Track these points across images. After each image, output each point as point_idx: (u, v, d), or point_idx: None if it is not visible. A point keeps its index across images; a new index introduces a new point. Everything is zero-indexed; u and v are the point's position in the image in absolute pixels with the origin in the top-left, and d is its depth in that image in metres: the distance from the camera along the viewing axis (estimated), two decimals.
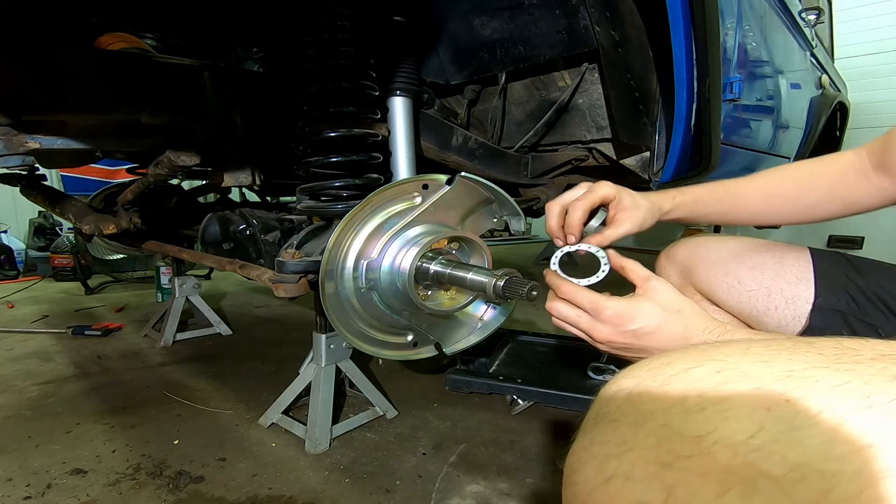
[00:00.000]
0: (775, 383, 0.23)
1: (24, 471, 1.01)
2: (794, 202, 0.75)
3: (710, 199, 0.77)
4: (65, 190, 3.07)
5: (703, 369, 0.26)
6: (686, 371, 0.26)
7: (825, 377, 0.23)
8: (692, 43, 0.96)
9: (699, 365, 0.26)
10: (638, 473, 0.24)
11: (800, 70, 1.92)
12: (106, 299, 2.61)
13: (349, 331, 0.88)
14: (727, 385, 0.24)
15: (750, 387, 0.24)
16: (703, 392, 0.24)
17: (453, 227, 0.94)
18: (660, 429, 0.24)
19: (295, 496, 0.94)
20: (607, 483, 0.25)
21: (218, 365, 1.61)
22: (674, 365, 0.27)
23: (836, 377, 0.23)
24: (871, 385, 0.22)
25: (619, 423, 0.26)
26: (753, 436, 0.22)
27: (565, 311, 0.62)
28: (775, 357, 0.25)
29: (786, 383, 0.23)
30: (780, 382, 0.23)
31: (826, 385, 0.23)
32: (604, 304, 0.59)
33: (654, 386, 0.26)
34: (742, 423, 0.22)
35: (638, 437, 0.25)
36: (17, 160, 0.98)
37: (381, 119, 1.04)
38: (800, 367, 0.24)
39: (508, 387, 1.27)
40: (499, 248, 4.69)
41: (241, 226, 1.19)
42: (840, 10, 3.61)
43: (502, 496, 0.94)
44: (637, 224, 0.72)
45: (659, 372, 0.27)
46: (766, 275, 0.79)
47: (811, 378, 0.23)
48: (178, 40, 1.34)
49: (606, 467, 0.25)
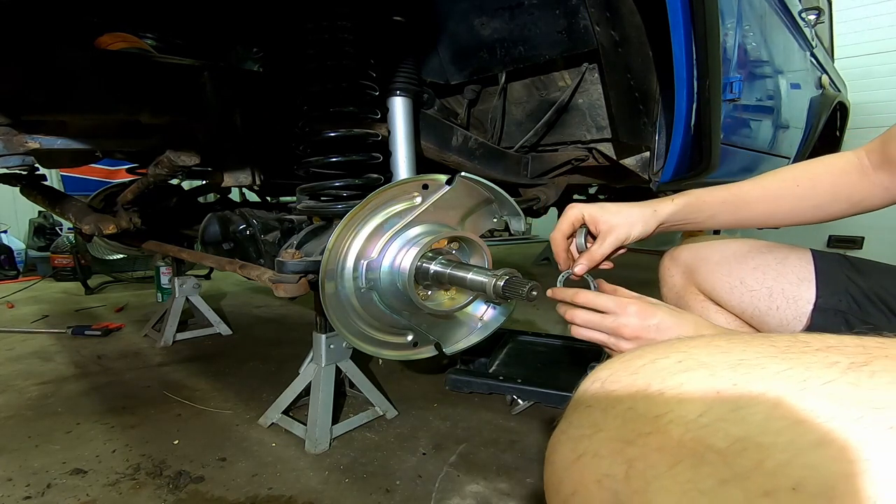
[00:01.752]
0: (727, 370, 0.27)
1: (24, 471, 1.01)
2: (799, 203, 0.75)
3: (713, 200, 0.77)
4: (65, 190, 3.07)
5: (667, 360, 0.29)
6: (653, 362, 0.29)
7: (771, 365, 0.26)
8: (692, 43, 0.96)
9: (665, 356, 0.29)
10: (604, 450, 0.27)
11: (800, 70, 1.92)
12: (106, 299, 2.61)
13: (349, 331, 0.88)
14: (685, 372, 0.27)
15: (704, 373, 0.27)
16: (664, 378, 0.27)
17: (453, 227, 0.94)
18: (625, 412, 0.27)
19: (295, 496, 0.94)
20: (579, 460, 0.28)
21: (218, 365, 1.61)
22: (643, 357, 0.30)
23: (781, 365, 0.26)
24: (810, 371, 0.25)
25: (593, 408, 0.29)
26: (703, 415, 0.25)
27: (587, 315, 0.65)
28: (732, 348, 0.28)
29: (736, 370, 0.26)
30: (731, 370, 0.26)
31: (771, 372, 0.26)
32: (627, 301, 0.62)
33: (624, 375, 0.29)
34: (694, 404, 0.26)
35: (607, 419, 0.28)
36: (17, 160, 0.98)
37: (381, 119, 1.03)
38: (751, 357, 0.27)
39: (508, 387, 1.27)
40: (499, 248, 4.69)
41: (241, 226, 1.19)
42: (840, 10, 3.61)
43: (502, 496, 0.94)
44: (621, 237, 0.75)
45: (630, 363, 0.30)
46: (767, 275, 0.80)
47: (759, 366, 0.26)
48: (178, 40, 1.34)
49: (579, 447, 0.28)
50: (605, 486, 0.26)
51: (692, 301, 0.90)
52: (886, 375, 0.24)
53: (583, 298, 0.66)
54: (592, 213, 0.76)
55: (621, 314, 0.62)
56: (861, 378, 0.24)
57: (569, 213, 0.78)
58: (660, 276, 0.97)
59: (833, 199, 0.74)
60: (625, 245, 0.77)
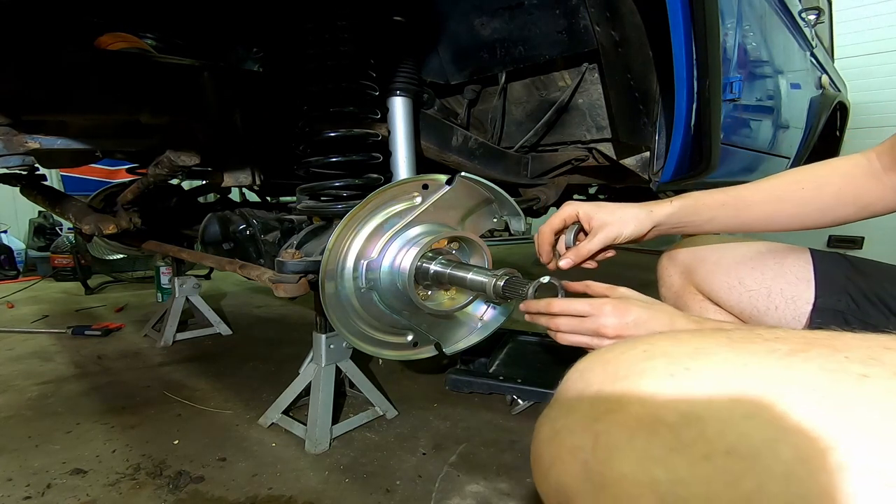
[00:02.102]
0: (683, 357, 0.31)
1: (24, 471, 1.01)
2: (803, 206, 0.73)
3: (712, 203, 0.76)
4: (65, 190, 3.08)
5: (634, 350, 0.33)
6: (623, 353, 0.33)
7: (721, 352, 0.30)
8: (692, 43, 0.96)
9: (633, 348, 0.33)
10: (576, 427, 0.31)
11: (800, 70, 1.92)
12: (106, 299, 2.61)
13: (349, 331, 0.88)
14: (648, 360, 0.32)
15: (664, 361, 0.31)
16: (630, 366, 0.32)
17: (453, 227, 0.94)
18: (595, 394, 0.32)
19: (295, 496, 0.94)
20: (556, 435, 0.33)
21: (218, 365, 1.61)
22: (615, 350, 0.34)
23: (730, 353, 0.30)
24: (753, 357, 0.29)
25: (570, 393, 0.34)
26: (657, 394, 0.29)
27: (567, 322, 0.66)
28: (691, 340, 0.33)
29: (692, 357, 0.31)
30: (686, 357, 0.31)
31: (719, 358, 0.30)
32: (601, 301, 0.64)
33: (598, 365, 0.34)
34: (651, 386, 0.30)
35: (580, 402, 0.33)
36: (17, 160, 0.98)
37: (381, 119, 1.03)
38: (707, 346, 0.31)
39: (508, 387, 1.27)
40: (499, 248, 4.68)
41: (241, 226, 1.19)
42: (840, 10, 3.61)
43: (502, 496, 0.94)
44: (611, 235, 0.75)
45: (603, 355, 0.35)
46: (766, 275, 0.79)
47: (711, 353, 0.31)
48: (178, 40, 1.34)
49: (556, 425, 0.33)
50: (577, 456, 0.30)
51: (691, 301, 0.90)
52: (817, 360, 0.28)
53: (558, 307, 0.67)
54: (587, 210, 0.77)
55: (599, 315, 0.63)
56: (794, 362, 0.28)
57: (564, 209, 0.79)
58: (658, 276, 0.97)
59: (838, 203, 0.72)
60: (615, 245, 0.77)
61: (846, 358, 0.27)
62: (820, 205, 0.72)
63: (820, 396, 0.25)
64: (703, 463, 0.26)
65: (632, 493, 0.27)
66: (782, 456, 0.24)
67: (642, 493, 0.27)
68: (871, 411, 0.24)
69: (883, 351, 0.27)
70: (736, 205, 0.76)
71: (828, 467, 0.23)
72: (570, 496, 0.30)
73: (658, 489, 0.26)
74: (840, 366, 0.27)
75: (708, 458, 0.26)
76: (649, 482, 0.27)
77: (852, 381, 0.25)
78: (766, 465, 0.24)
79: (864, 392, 0.25)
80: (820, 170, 0.74)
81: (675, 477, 0.26)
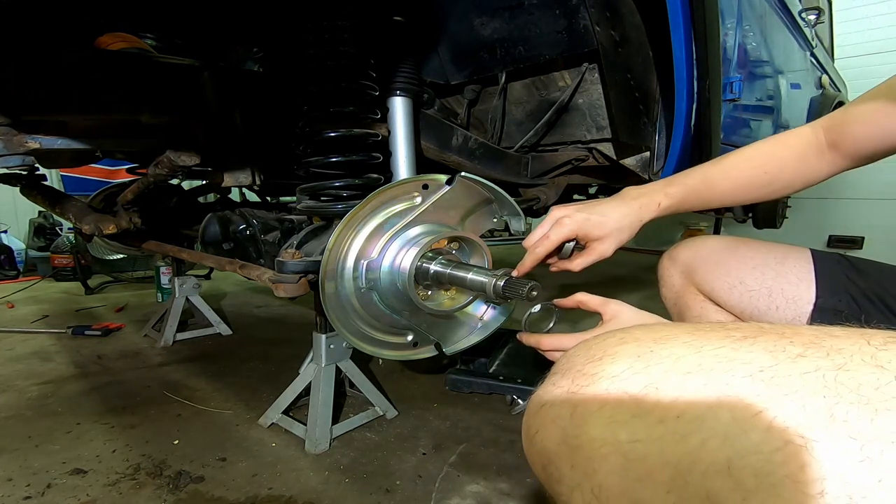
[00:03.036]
0: (650, 342, 0.35)
1: (24, 471, 1.01)
2: (763, 188, 0.79)
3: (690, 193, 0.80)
4: (65, 190, 3.07)
5: (613, 338, 0.38)
6: (603, 340, 0.38)
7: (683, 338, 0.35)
8: (692, 43, 0.96)
9: (612, 336, 0.38)
10: (557, 400, 0.36)
11: (800, 70, 1.92)
12: (106, 299, 2.61)
13: (349, 331, 0.88)
14: (621, 345, 0.36)
15: (634, 345, 0.36)
16: (605, 350, 0.37)
17: (453, 228, 0.94)
18: (575, 373, 0.37)
19: (295, 496, 0.94)
20: (541, 409, 0.37)
21: (218, 365, 1.61)
22: (598, 338, 0.39)
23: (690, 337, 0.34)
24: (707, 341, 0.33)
25: (556, 373, 0.39)
26: (625, 371, 0.34)
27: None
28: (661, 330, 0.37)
29: (656, 342, 0.35)
30: (652, 342, 0.35)
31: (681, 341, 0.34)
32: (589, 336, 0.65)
33: (581, 350, 0.39)
34: (620, 364, 0.34)
35: (563, 379, 0.37)
36: (17, 160, 0.98)
37: (381, 119, 1.03)
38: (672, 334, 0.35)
39: (508, 387, 1.26)
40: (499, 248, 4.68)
41: (241, 226, 1.19)
42: (840, 10, 3.61)
43: (502, 496, 0.94)
44: (608, 251, 0.78)
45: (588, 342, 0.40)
46: (767, 275, 0.80)
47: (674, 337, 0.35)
48: (178, 40, 1.34)
49: (542, 399, 0.38)
50: (557, 424, 0.35)
51: (691, 301, 0.90)
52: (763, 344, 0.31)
53: (547, 344, 0.73)
54: (581, 226, 0.77)
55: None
56: (743, 345, 0.32)
57: (560, 230, 0.77)
58: (658, 276, 0.96)
59: (793, 182, 0.78)
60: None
61: (790, 343, 0.31)
62: (777, 186, 0.79)
63: (758, 370, 0.30)
64: (658, 425, 0.30)
65: (600, 452, 0.32)
66: (722, 418, 0.28)
67: (609, 452, 0.32)
68: (799, 382, 0.28)
69: (826, 337, 0.31)
70: (707, 191, 0.80)
71: (758, 426, 0.27)
72: (551, 458, 0.36)
73: (621, 448, 0.31)
74: (781, 347, 0.31)
75: (662, 422, 0.30)
76: (614, 442, 0.32)
77: (788, 359, 0.30)
78: (708, 426, 0.29)
79: (796, 367, 0.29)
80: (779, 151, 0.79)
81: (636, 437, 0.31)
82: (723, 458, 0.27)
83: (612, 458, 0.31)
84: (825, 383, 0.27)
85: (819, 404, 0.26)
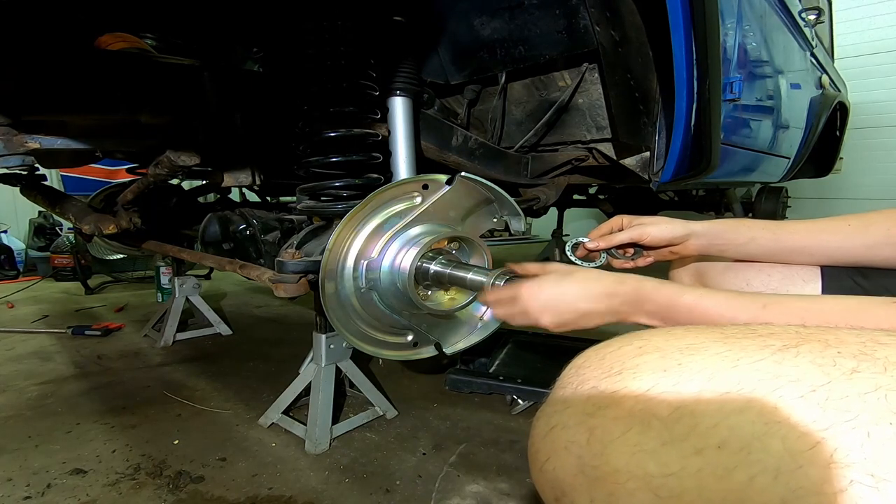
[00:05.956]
0: (675, 352, 0.31)
1: (24, 471, 1.01)
2: (848, 240, 0.71)
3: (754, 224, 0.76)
4: (65, 190, 3.07)
5: (630, 346, 0.33)
6: (619, 348, 0.34)
7: (713, 347, 0.30)
8: (692, 43, 0.96)
9: (629, 344, 0.34)
10: (571, 422, 0.32)
11: (800, 70, 1.92)
12: (106, 299, 2.61)
13: (349, 331, 0.88)
14: (642, 356, 0.32)
15: (657, 356, 0.31)
16: (624, 361, 0.32)
17: (453, 228, 0.94)
18: (590, 390, 0.32)
19: (295, 496, 0.94)
20: (551, 431, 0.33)
21: (218, 365, 1.61)
22: (611, 346, 0.35)
23: (722, 347, 0.30)
24: (745, 352, 0.29)
25: (566, 389, 0.34)
26: (650, 389, 0.29)
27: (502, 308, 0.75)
28: (686, 335, 0.33)
29: (683, 352, 0.31)
30: (678, 352, 0.31)
31: (711, 353, 0.30)
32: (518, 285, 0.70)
33: (594, 361, 0.34)
34: (644, 381, 0.30)
35: (575, 397, 0.33)
36: (17, 160, 0.98)
37: (381, 119, 1.03)
38: (699, 342, 0.31)
39: (508, 387, 1.26)
40: (499, 248, 4.68)
41: (241, 226, 1.19)
42: (840, 10, 3.61)
43: (502, 496, 0.94)
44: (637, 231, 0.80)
45: (600, 351, 0.35)
46: (773, 277, 0.81)
47: (703, 348, 0.31)
48: (178, 40, 1.34)
49: (552, 420, 0.33)
50: (571, 451, 0.31)
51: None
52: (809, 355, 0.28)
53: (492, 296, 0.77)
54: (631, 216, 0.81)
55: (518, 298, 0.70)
56: (786, 357, 0.28)
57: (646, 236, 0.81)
58: (670, 278, 0.97)
59: (888, 242, 0.68)
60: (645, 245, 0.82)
61: (838, 353, 0.27)
62: (867, 241, 0.70)
63: (810, 391, 0.25)
64: (695, 457, 0.26)
65: (626, 487, 0.28)
66: (772, 450, 0.24)
67: (636, 487, 0.27)
68: (860, 405, 0.24)
69: (875, 346, 0.27)
70: (776, 230, 0.75)
71: (817, 461, 0.23)
72: (566, 490, 0.31)
73: (651, 483, 0.27)
74: (831, 361, 0.27)
75: (700, 452, 0.26)
76: (643, 476, 0.27)
77: (842, 375, 0.25)
78: (756, 458, 0.24)
79: (853, 386, 0.25)
80: (869, 213, 0.72)
81: (668, 470, 0.27)
82: (776, 500, 0.23)
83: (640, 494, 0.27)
84: (890, 407, 0.23)
85: (888, 434, 0.22)
